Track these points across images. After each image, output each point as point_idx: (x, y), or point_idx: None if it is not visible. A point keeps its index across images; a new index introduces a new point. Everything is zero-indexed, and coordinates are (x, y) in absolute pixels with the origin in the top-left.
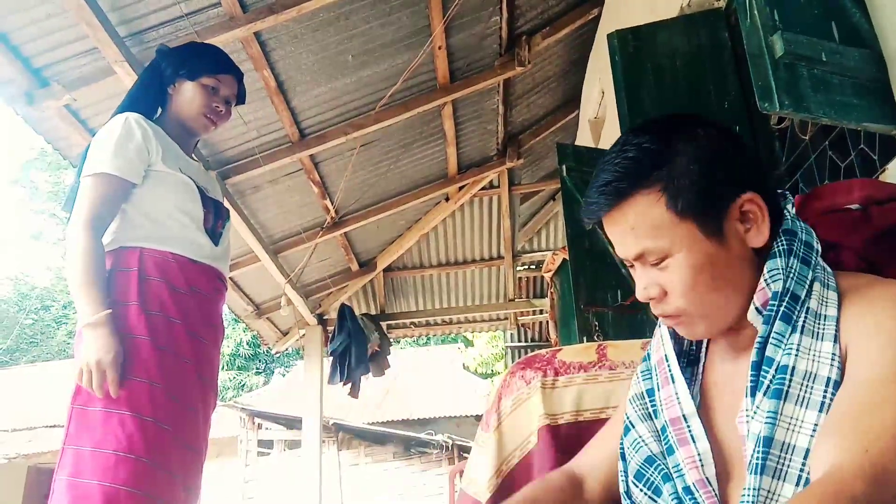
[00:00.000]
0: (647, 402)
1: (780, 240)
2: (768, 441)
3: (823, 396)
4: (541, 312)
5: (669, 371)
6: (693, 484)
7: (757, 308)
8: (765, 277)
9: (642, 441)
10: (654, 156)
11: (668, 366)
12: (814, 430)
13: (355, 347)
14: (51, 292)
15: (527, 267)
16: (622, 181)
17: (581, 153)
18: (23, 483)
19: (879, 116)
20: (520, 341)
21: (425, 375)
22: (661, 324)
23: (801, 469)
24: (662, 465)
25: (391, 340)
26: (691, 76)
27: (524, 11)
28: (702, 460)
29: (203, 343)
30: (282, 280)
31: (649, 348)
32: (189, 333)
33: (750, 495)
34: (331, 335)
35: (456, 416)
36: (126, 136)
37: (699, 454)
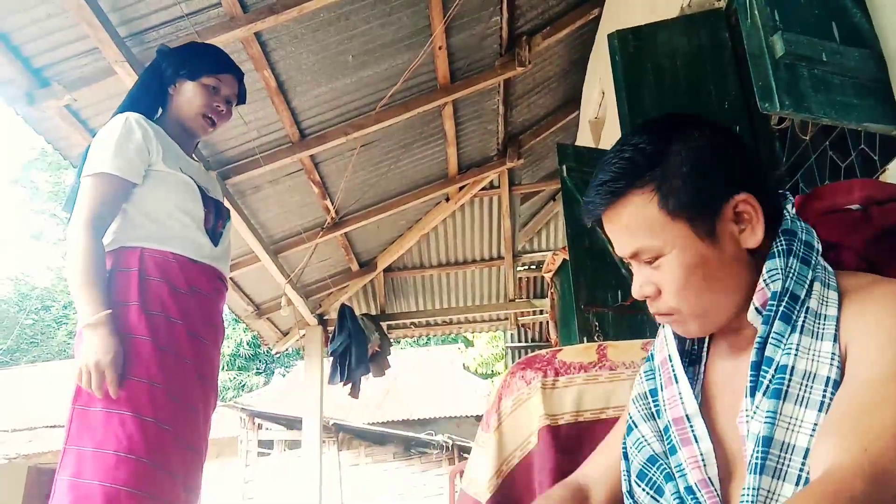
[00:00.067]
0: (651, 401)
1: (779, 240)
2: (768, 441)
3: (823, 396)
4: (541, 313)
5: (673, 371)
6: (695, 484)
7: (756, 308)
8: (764, 278)
9: (645, 441)
10: (648, 156)
11: (671, 366)
12: (813, 429)
13: (355, 348)
14: (51, 292)
15: (527, 267)
16: (618, 181)
17: (581, 153)
18: (23, 483)
19: (880, 116)
20: (520, 341)
21: (425, 376)
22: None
23: (801, 469)
24: (665, 464)
25: (391, 341)
26: (692, 76)
27: (524, 11)
28: (704, 460)
29: (203, 343)
30: (282, 280)
31: (653, 348)
32: (189, 333)
33: (749, 495)
34: (331, 335)
35: (456, 417)
36: (126, 135)
37: (702, 454)
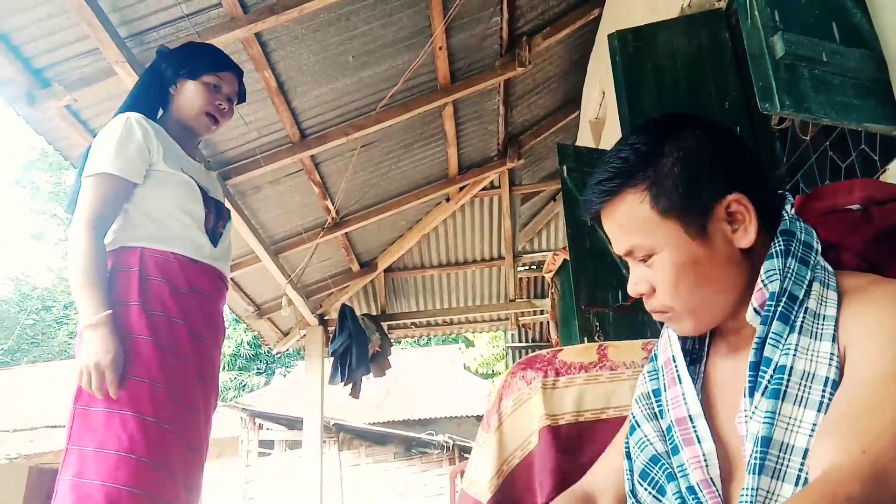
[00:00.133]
0: (654, 401)
1: (777, 240)
2: (766, 441)
3: (822, 396)
4: (541, 313)
5: (676, 371)
6: (697, 484)
7: (755, 309)
8: (762, 278)
9: (647, 440)
10: (643, 156)
11: (675, 366)
12: (812, 429)
13: (356, 348)
14: (52, 293)
15: (527, 267)
16: (613, 179)
17: (582, 154)
18: (24, 483)
19: (880, 117)
20: (520, 342)
21: (426, 376)
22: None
23: (800, 469)
24: (667, 464)
25: (392, 341)
26: (692, 77)
27: (525, 12)
28: (706, 460)
29: (204, 343)
30: (283, 280)
31: (656, 349)
32: (190, 333)
33: (749, 495)
34: (332, 335)
35: (457, 417)
36: (127, 135)
37: (704, 454)
